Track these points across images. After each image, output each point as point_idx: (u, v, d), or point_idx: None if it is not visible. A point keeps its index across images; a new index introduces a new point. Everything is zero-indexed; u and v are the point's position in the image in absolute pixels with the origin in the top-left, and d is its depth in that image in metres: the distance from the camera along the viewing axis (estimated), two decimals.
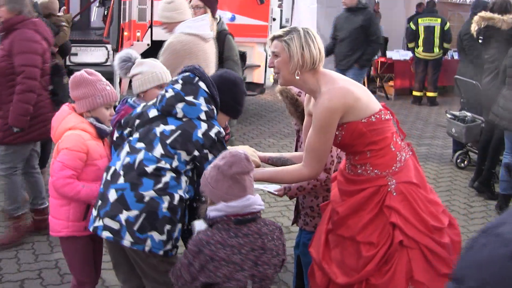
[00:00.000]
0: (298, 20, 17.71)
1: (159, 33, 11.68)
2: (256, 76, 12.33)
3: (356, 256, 4.12)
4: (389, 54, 17.11)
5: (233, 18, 12.07)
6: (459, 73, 10.26)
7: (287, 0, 18.55)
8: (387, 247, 4.02)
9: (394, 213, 4.02)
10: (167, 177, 4.00)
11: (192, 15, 6.86)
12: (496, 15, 8.65)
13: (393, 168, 4.10)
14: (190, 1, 7.11)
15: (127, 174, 4.02)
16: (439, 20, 15.53)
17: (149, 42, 11.69)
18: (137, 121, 4.21)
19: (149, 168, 3.98)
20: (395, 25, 18.53)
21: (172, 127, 4.05)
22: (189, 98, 4.08)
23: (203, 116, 4.08)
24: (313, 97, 4.16)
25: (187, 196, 4.10)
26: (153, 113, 4.16)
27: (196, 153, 4.03)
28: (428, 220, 4.06)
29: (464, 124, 9.55)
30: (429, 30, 15.51)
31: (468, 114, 9.74)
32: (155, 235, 3.96)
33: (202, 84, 4.14)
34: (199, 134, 4.03)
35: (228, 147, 4.41)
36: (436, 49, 15.53)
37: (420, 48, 15.68)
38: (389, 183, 4.07)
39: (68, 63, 11.61)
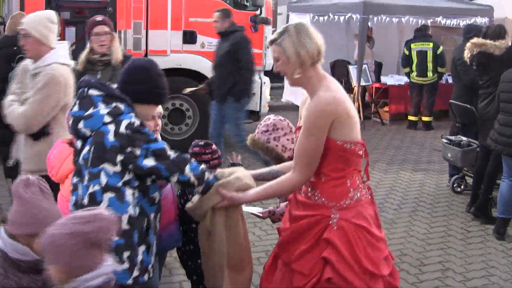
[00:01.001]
0: None
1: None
2: (251, 104, 12.33)
3: (289, 283, 4.10)
4: (383, 79, 17.17)
5: None
6: (454, 98, 10.28)
7: (281, 26, 18.62)
8: (316, 281, 3.97)
9: (330, 248, 3.96)
10: (105, 202, 3.81)
11: (97, 43, 6.77)
12: (488, 41, 8.66)
13: (341, 202, 4.03)
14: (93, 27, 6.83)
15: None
16: (431, 44, 15.56)
17: None
18: (76, 158, 4.07)
19: (85, 200, 3.84)
20: (389, 50, 18.65)
21: (87, 147, 3.89)
22: (88, 112, 3.90)
23: (107, 119, 3.88)
24: (311, 98, 4.10)
25: (136, 211, 3.90)
26: (79, 144, 4.03)
27: (120, 157, 3.81)
28: (364, 262, 3.97)
29: (460, 149, 9.56)
30: (422, 54, 15.54)
31: (464, 138, 9.75)
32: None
33: (92, 91, 3.95)
34: (111, 138, 3.83)
35: (223, 170, 4.41)
36: (430, 74, 15.55)
37: (414, 73, 15.72)
38: (332, 215, 4.01)
39: None
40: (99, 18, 6.88)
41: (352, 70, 16.01)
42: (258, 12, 12.20)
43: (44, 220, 3.33)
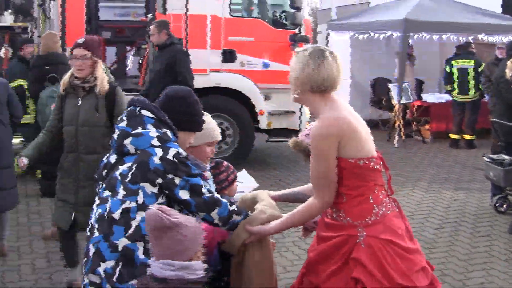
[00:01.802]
0: None
1: (194, 81, 11.80)
2: (291, 123, 12.32)
3: None
4: (424, 97, 17.04)
5: (266, 65, 12.11)
6: (496, 116, 10.14)
7: (322, 45, 18.61)
8: None
9: (359, 267, 3.90)
10: (137, 220, 3.83)
11: (75, 67, 6.30)
12: None
13: (366, 219, 3.97)
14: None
15: (100, 226, 3.91)
16: (472, 61, 15.40)
17: None
18: (104, 172, 4.10)
19: (116, 214, 3.85)
20: (430, 68, 18.49)
21: (129, 164, 3.92)
22: (137, 131, 3.97)
23: (155, 142, 3.93)
24: (316, 120, 4.09)
25: None
26: (113, 158, 4.07)
27: (159, 180, 3.87)
28: (396, 278, 3.89)
29: (502, 168, 9.41)
30: (463, 72, 15.38)
31: (506, 157, 9.59)
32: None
33: (145, 112, 4.03)
34: (156, 160, 3.87)
35: (246, 195, 4.40)
36: (472, 91, 15.37)
37: (456, 91, 15.56)
38: (359, 234, 3.96)
39: None
40: (80, 40, 6.37)
41: (393, 88, 15.89)
42: (297, 30, 12.18)
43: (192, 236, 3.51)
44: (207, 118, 4.70)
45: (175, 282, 3.43)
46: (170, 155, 3.89)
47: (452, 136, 15.86)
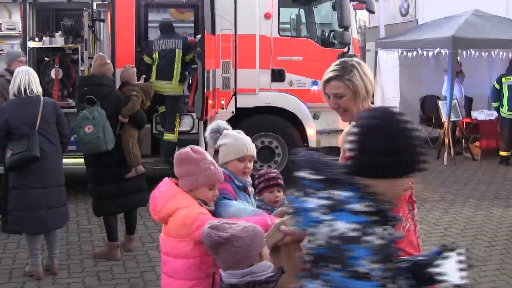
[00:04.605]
0: (381, 82, 17.77)
1: (243, 101, 11.93)
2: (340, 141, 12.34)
3: None
4: (474, 114, 16.96)
5: (316, 84, 12.20)
6: None
7: (371, 63, 18.64)
8: None
9: None
10: None
11: None
12: None
13: None
14: None
15: None
16: None
17: (233, 109, 11.93)
18: None
19: None
20: (479, 85, 18.36)
21: None
22: None
23: None
24: None
25: None
26: None
27: None
28: None
29: None
30: None
31: None
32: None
33: None
34: None
35: (282, 208, 4.42)
36: None
37: (505, 107, 15.48)
38: None
39: (154, 131, 11.91)
40: None
41: (442, 106, 15.85)
42: (345, 49, 12.26)
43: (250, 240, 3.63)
44: (238, 134, 4.94)
45: (245, 286, 3.60)
46: None
47: (502, 153, 15.75)
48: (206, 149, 11.14)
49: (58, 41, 12.33)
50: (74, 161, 11.11)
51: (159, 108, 11.82)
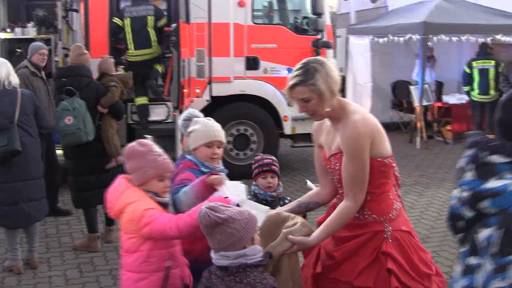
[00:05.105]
0: (353, 69, 17.87)
1: (218, 89, 11.94)
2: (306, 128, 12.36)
3: None
4: (445, 98, 17.15)
5: (289, 71, 12.19)
6: None
7: (341, 50, 18.72)
8: None
9: (390, 260, 4.08)
10: None
11: None
12: None
13: (390, 215, 4.18)
14: None
15: None
16: (493, 62, 15.54)
17: (209, 98, 11.94)
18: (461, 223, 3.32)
19: None
20: (449, 69, 18.55)
21: (491, 229, 3.13)
22: (494, 186, 3.09)
23: None
24: (335, 125, 4.17)
25: None
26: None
27: None
28: (420, 267, 4.16)
29: None
30: (484, 72, 15.49)
31: None
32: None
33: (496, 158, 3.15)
34: None
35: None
36: (492, 92, 15.47)
37: (476, 91, 15.64)
38: (385, 230, 4.14)
39: (129, 121, 11.85)
40: None
41: (414, 90, 15.98)
42: (319, 36, 12.32)
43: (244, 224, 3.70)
44: (207, 121, 5.01)
45: (236, 268, 3.67)
46: None
47: None
48: (182, 136, 11.27)
49: (31, 31, 12.27)
50: None
51: (136, 98, 11.74)
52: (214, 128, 4.94)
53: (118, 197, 4.29)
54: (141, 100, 11.66)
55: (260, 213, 4.41)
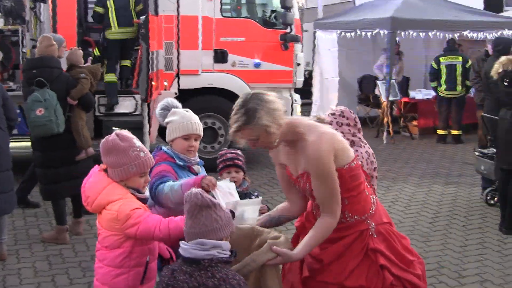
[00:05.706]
0: (320, 63, 17.89)
1: (186, 82, 11.92)
2: None
3: None
4: (411, 93, 17.28)
5: (258, 65, 12.26)
6: (486, 111, 10.28)
7: (308, 44, 18.74)
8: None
9: (380, 255, 4.15)
10: None
11: None
12: None
13: (370, 211, 4.23)
14: None
15: None
16: (460, 58, 15.66)
17: (176, 91, 11.90)
18: None
19: None
20: (416, 65, 18.69)
21: None
22: None
23: None
24: (292, 147, 4.14)
25: None
26: None
27: None
28: (406, 255, 4.27)
29: (493, 161, 9.58)
30: (451, 68, 15.58)
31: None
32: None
33: None
34: None
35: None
36: (459, 87, 15.58)
37: (443, 87, 15.73)
38: (369, 227, 4.20)
39: (97, 113, 11.73)
40: None
41: (381, 86, 16.07)
42: (288, 30, 12.34)
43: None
44: (185, 112, 5.00)
45: (208, 262, 3.65)
46: None
47: (440, 131, 16.03)
48: (150, 129, 11.20)
49: None
50: (18, 145, 10.98)
51: (105, 75, 11.54)
52: (192, 120, 4.93)
53: (99, 193, 4.20)
54: (110, 77, 11.47)
55: (254, 205, 4.45)
